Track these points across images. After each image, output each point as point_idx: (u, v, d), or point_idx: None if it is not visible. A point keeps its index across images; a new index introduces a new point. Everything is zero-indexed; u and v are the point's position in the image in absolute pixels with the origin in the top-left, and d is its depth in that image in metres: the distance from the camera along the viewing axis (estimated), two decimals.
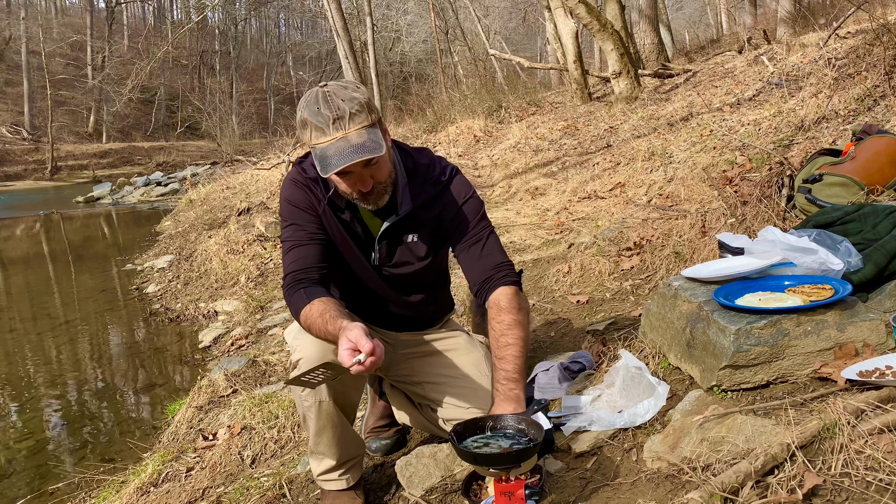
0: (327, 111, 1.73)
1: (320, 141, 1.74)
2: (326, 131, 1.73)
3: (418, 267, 2.04)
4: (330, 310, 1.75)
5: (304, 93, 1.89)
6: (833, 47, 6.35)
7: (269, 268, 7.01)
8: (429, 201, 1.96)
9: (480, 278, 1.96)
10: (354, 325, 1.64)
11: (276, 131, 20.64)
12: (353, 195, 1.85)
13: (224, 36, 44.21)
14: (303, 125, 1.77)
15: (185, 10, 44.07)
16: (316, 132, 1.74)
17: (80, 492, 3.32)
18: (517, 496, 1.59)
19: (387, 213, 1.94)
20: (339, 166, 1.71)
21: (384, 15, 27.22)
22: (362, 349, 1.57)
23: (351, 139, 1.73)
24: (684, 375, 2.01)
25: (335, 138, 1.72)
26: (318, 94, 1.77)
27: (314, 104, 1.75)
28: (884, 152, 2.90)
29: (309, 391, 1.88)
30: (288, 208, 1.95)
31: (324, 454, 2.01)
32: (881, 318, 1.74)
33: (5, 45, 36.98)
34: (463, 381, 2.09)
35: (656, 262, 3.60)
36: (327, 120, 1.73)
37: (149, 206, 17.71)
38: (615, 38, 9.01)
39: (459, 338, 2.20)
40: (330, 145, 1.73)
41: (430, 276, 2.11)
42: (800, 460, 1.42)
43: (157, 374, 5.31)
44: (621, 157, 5.93)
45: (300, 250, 1.91)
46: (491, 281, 1.95)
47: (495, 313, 1.90)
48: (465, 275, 2.02)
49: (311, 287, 1.85)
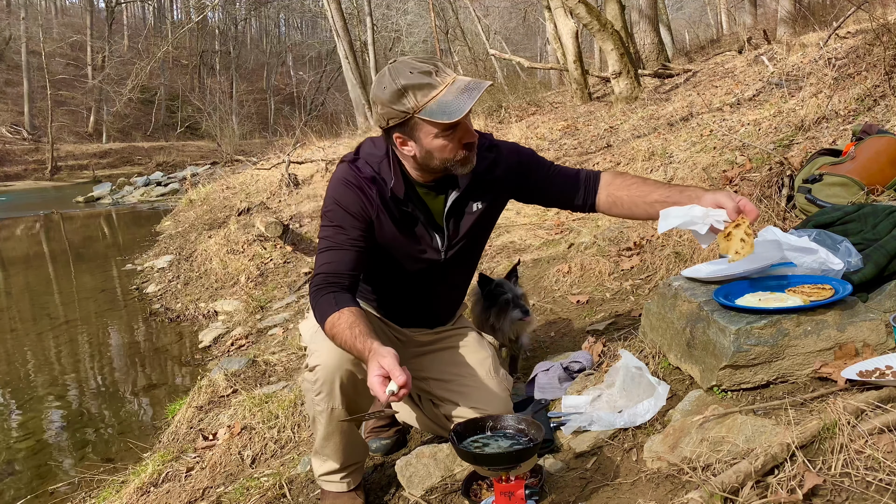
0: (425, 67, 1.74)
1: (432, 95, 1.72)
2: (435, 84, 1.72)
3: (481, 237, 2.08)
4: (360, 324, 1.73)
5: (303, 92, 1.89)
6: (833, 47, 6.35)
7: (269, 268, 7.01)
8: (489, 165, 1.97)
9: (581, 182, 2.04)
10: (387, 350, 1.63)
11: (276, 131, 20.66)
12: (457, 155, 1.82)
13: (224, 36, 44.21)
14: (400, 95, 1.73)
15: (185, 10, 44.09)
16: (422, 91, 1.72)
17: (80, 492, 3.32)
18: (517, 496, 1.59)
19: (447, 187, 1.95)
20: (473, 99, 1.71)
21: (384, 15, 27.24)
22: (395, 380, 1.57)
23: (462, 80, 1.75)
24: (684, 375, 2.01)
25: (446, 84, 1.73)
26: (400, 65, 1.77)
27: (405, 70, 1.74)
28: (884, 152, 2.90)
29: (324, 395, 1.90)
30: (335, 209, 1.90)
31: (328, 457, 2.02)
32: (881, 318, 1.74)
33: (5, 45, 36.99)
34: (469, 379, 2.10)
35: (656, 262, 3.60)
36: (430, 73, 1.73)
37: (149, 206, 17.71)
38: (615, 38, 9.01)
39: (469, 336, 2.21)
40: (446, 92, 1.72)
41: (479, 251, 2.16)
42: (800, 460, 1.42)
43: (157, 375, 5.31)
44: (621, 157, 5.92)
45: (337, 253, 1.88)
46: (588, 180, 2.04)
47: (618, 179, 2.02)
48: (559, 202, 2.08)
49: (340, 293, 1.83)
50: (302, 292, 6.14)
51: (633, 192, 1.96)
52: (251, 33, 50.44)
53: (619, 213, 2.05)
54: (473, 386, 2.08)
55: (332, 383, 1.88)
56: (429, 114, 1.73)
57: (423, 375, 2.17)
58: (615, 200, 2.00)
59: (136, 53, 33.59)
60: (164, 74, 39.41)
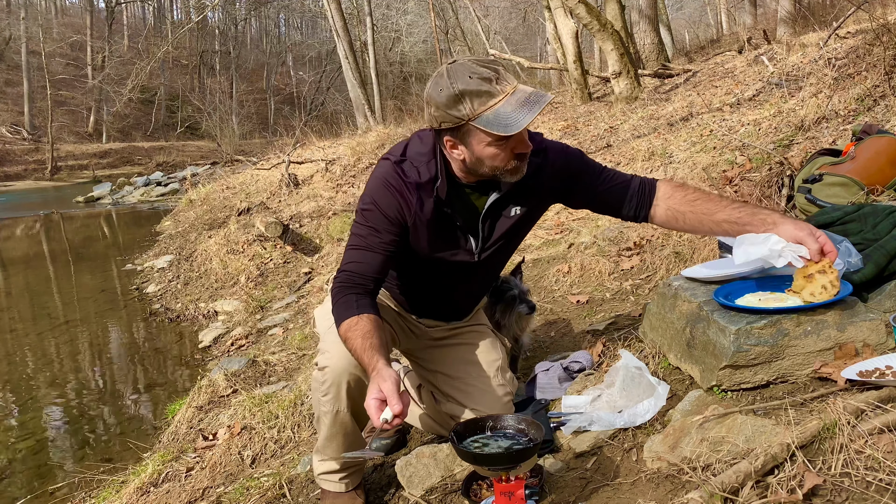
0: (486, 73, 1.67)
1: (491, 104, 1.66)
2: (494, 93, 1.66)
3: (516, 240, 2.04)
4: (373, 335, 1.71)
5: (303, 92, 1.88)
6: (833, 47, 6.35)
7: (269, 268, 7.01)
8: (535, 171, 1.89)
9: (635, 190, 1.95)
10: (389, 374, 1.62)
11: (276, 131, 20.63)
12: (508, 164, 1.76)
13: (224, 36, 44.17)
14: (456, 100, 1.67)
15: (185, 10, 44.08)
16: (480, 98, 1.66)
17: (80, 492, 3.32)
18: (517, 496, 1.59)
19: (489, 188, 1.90)
20: (534, 113, 1.64)
21: (384, 15, 27.22)
22: (392, 408, 1.56)
23: (523, 89, 1.68)
24: (684, 375, 2.01)
25: (507, 94, 1.66)
26: (460, 66, 1.69)
27: (465, 74, 1.67)
28: (884, 152, 2.90)
29: (330, 397, 1.90)
30: (373, 210, 1.85)
31: (330, 457, 2.02)
32: (881, 318, 1.74)
33: (5, 45, 36.98)
34: (476, 380, 2.10)
35: (656, 262, 3.60)
36: (490, 81, 1.66)
37: (149, 206, 17.70)
38: (615, 38, 9.00)
39: (484, 335, 2.20)
40: (505, 103, 1.66)
41: (512, 252, 2.11)
42: (800, 460, 1.42)
43: (157, 375, 5.31)
44: (621, 157, 5.92)
45: (367, 254, 1.84)
46: (643, 190, 1.94)
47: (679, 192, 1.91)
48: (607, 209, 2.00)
49: (362, 297, 1.81)
50: (302, 292, 6.14)
51: (698, 209, 1.86)
52: (251, 33, 50.42)
53: (679, 228, 1.98)
54: (479, 387, 2.09)
55: (339, 386, 1.88)
56: (484, 123, 1.67)
57: (432, 367, 2.18)
58: (676, 216, 1.91)
59: (136, 53, 33.57)
60: (164, 74, 39.39)
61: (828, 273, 1.70)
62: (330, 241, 7.20)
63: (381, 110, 17.17)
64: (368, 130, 13.90)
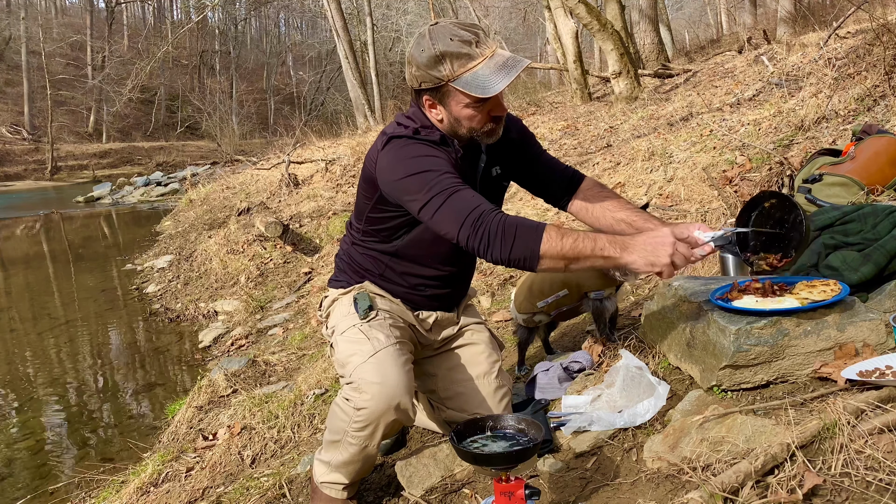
0: (467, 35, 1.70)
1: (470, 66, 1.69)
2: (474, 55, 1.70)
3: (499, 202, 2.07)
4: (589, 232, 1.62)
5: (303, 92, 1.86)
6: (833, 47, 6.34)
7: (269, 268, 7.01)
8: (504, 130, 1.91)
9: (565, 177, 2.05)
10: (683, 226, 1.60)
11: (276, 131, 20.62)
12: (485, 126, 1.80)
13: (224, 36, 44.18)
14: (437, 61, 1.70)
15: (185, 10, 44.03)
16: (460, 60, 1.69)
17: (80, 492, 3.32)
18: (517, 496, 1.59)
19: (476, 152, 1.93)
20: (511, 77, 1.67)
21: (384, 15, 27.22)
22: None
23: (502, 53, 1.72)
24: (684, 375, 2.01)
25: (486, 57, 1.71)
26: (441, 28, 1.72)
27: (446, 36, 1.70)
28: (884, 152, 2.90)
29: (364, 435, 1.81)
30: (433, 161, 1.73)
31: (339, 472, 1.97)
32: (881, 318, 1.74)
33: (5, 45, 36.99)
34: (475, 383, 2.10)
35: None
36: (470, 43, 1.70)
37: (149, 206, 17.71)
38: (615, 38, 9.01)
39: (481, 337, 2.19)
40: (483, 66, 1.70)
41: None
42: (800, 460, 1.42)
43: (157, 374, 5.31)
44: (621, 157, 5.92)
45: (471, 191, 1.70)
46: (573, 180, 2.05)
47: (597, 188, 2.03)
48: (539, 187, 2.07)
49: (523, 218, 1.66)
50: (302, 292, 6.14)
51: (605, 205, 1.97)
52: (251, 33, 50.40)
53: (585, 220, 2.04)
54: (476, 392, 2.09)
55: (377, 426, 1.81)
56: (462, 84, 1.71)
57: (431, 371, 2.17)
58: (588, 208, 2.00)
59: (136, 53, 33.52)
60: (164, 74, 39.38)
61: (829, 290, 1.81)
62: (330, 241, 7.20)
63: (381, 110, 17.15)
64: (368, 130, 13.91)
